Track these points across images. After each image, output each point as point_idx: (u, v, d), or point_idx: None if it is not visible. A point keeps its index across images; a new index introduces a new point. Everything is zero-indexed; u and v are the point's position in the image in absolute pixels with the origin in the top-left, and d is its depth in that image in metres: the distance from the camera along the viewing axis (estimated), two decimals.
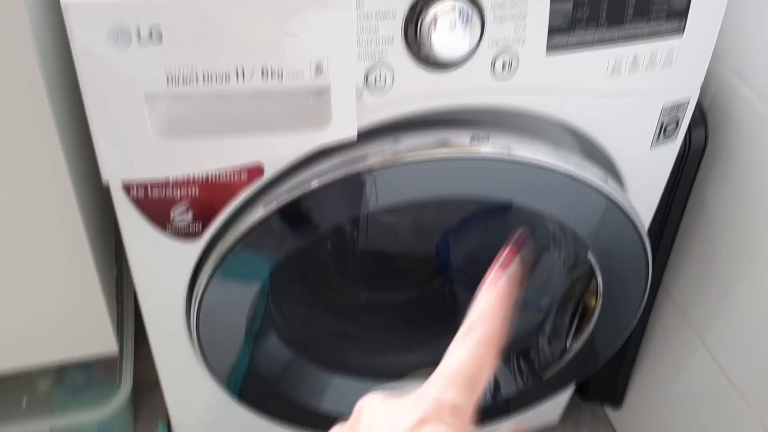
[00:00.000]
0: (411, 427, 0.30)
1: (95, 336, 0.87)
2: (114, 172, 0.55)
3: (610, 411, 1.20)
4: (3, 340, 0.84)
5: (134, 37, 0.49)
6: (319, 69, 0.52)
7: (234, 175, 0.62)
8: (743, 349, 0.85)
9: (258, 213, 0.63)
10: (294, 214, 0.64)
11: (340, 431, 0.33)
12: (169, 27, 0.48)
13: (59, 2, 0.47)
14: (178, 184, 0.61)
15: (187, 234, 0.65)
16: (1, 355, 0.86)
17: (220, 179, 0.61)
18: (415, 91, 0.60)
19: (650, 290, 0.81)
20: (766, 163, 0.77)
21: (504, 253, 0.36)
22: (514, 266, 0.35)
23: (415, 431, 0.30)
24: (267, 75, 0.52)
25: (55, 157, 0.68)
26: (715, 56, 0.78)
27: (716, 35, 0.68)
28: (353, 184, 0.63)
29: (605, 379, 1.11)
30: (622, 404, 1.16)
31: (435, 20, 0.56)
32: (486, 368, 0.32)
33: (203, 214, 0.64)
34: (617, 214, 0.71)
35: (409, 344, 0.92)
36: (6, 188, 0.69)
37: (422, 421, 0.30)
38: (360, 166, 0.61)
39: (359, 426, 0.32)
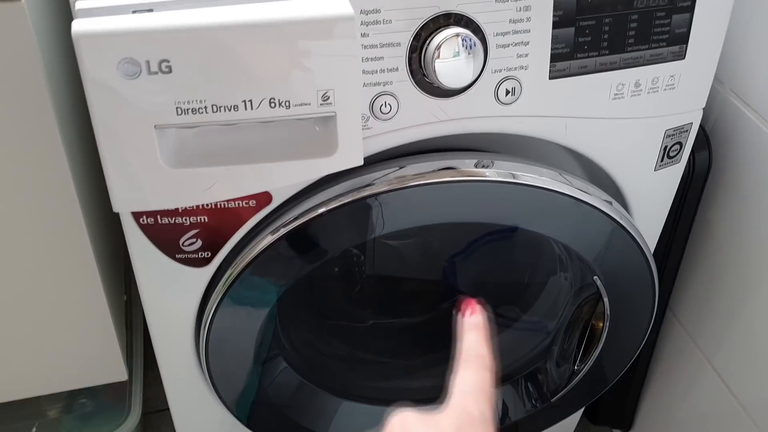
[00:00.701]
0: None
1: (105, 363, 0.87)
2: (124, 203, 0.56)
3: None
4: (12, 368, 0.84)
5: (144, 68, 0.49)
6: (325, 98, 0.53)
7: (242, 202, 0.62)
8: (752, 370, 0.84)
9: (266, 240, 0.64)
10: (301, 240, 0.64)
11: None
12: (178, 59, 0.49)
13: (70, 33, 0.48)
14: (188, 212, 0.62)
15: (196, 261, 0.66)
16: (10, 385, 0.86)
17: (229, 207, 0.62)
18: (420, 118, 0.61)
19: (657, 312, 0.81)
20: None
21: (466, 303, 0.42)
22: (479, 308, 0.42)
23: None
24: (274, 105, 0.52)
25: (64, 183, 0.68)
26: (717, 79, 0.79)
27: (717, 58, 0.68)
28: (360, 210, 0.63)
29: (614, 402, 1.11)
30: (631, 427, 1.15)
31: (438, 49, 0.56)
32: (492, 387, 0.37)
33: (212, 241, 0.65)
34: (623, 236, 0.71)
35: (416, 368, 0.92)
36: (15, 214, 0.70)
37: (460, 428, 0.34)
38: (366, 192, 0.62)
39: None
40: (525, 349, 0.90)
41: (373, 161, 0.64)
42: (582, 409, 1.04)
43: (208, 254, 0.65)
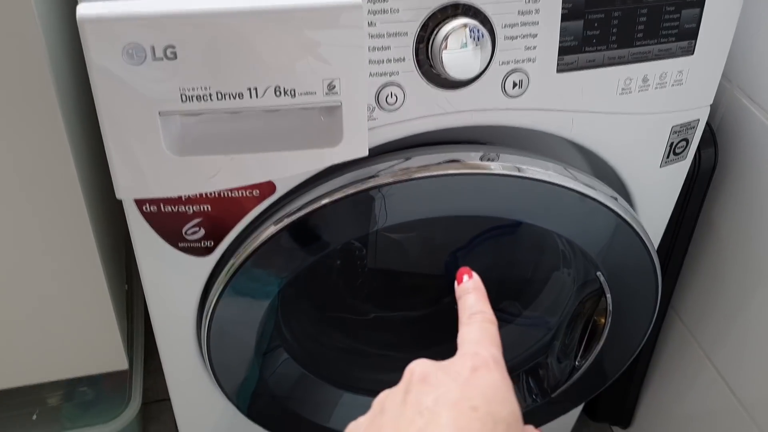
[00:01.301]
0: (467, 375, 0.36)
1: (105, 352, 0.87)
2: (127, 190, 0.55)
3: (618, 430, 1.19)
4: (12, 355, 0.84)
5: (149, 54, 0.49)
6: (331, 87, 0.53)
7: (246, 192, 0.62)
8: (752, 368, 0.84)
9: (269, 230, 0.63)
10: (304, 231, 0.64)
11: (390, 393, 0.37)
12: (183, 45, 0.49)
13: (74, 18, 0.47)
14: (191, 200, 0.62)
15: (198, 250, 0.66)
16: (11, 372, 0.86)
17: (232, 196, 0.62)
18: (426, 109, 0.61)
19: (659, 309, 0.81)
20: None
21: (461, 271, 0.45)
22: (475, 276, 0.45)
23: (472, 377, 0.36)
24: (279, 93, 0.52)
25: (67, 170, 0.68)
26: (725, 76, 0.79)
27: (726, 55, 0.68)
28: (363, 202, 0.63)
29: (614, 398, 1.11)
30: (630, 424, 1.15)
31: (446, 39, 0.56)
32: (498, 336, 0.40)
33: (215, 230, 0.64)
34: (627, 232, 0.71)
35: None
36: (17, 201, 0.70)
37: (475, 369, 0.36)
38: (370, 184, 0.62)
39: (413, 381, 0.36)
40: (526, 344, 0.90)
41: (378, 152, 0.63)
42: (581, 405, 1.04)
43: (210, 243, 0.65)
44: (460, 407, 0.34)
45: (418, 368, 0.37)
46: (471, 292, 0.43)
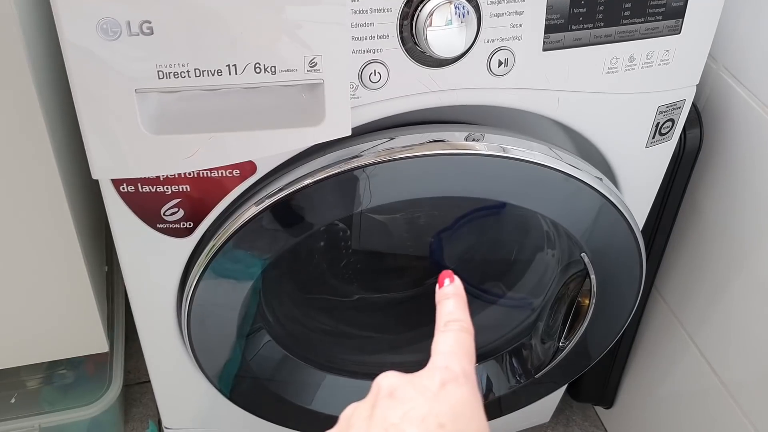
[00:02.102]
0: (436, 391, 0.35)
1: (85, 334, 0.86)
2: (104, 170, 0.54)
3: (601, 411, 1.20)
4: None
5: (124, 29, 0.48)
6: (312, 64, 0.52)
7: (226, 172, 0.61)
8: (734, 349, 0.85)
9: (250, 211, 0.62)
10: (286, 212, 0.63)
11: (357, 407, 0.36)
12: (159, 20, 0.48)
13: None
14: (169, 180, 0.60)
15: (178, 231, 0.65)
16: None
17: (212, 176, 0.61)
18: (410, 87, 0.60)
19: (643, 290, 0.81)
20: (760, 165, 0.76)
21: (443, 274, 0.44)
22: (456, 278, 0.43)
23: (441, 392, 0.35)
24: (260, 70, 0.51)
25: (44, 152, 0.67)
26: (711, 57, 0.78)
27: (713, 34, 0.67)
28: (347, 182, 0.62)
29: (597, 379, 1.11)
30: (613, 405, 1.16)
31: (431, 16, 0.55)
32: (472, 347, 0.39)
33: (195, 211, 0.63)
34: (612, 213, 0.71)
35: (401, 343, 0.92)
36: None
37: (443, 384, 0.35)
38: (354, 164, 0.61)
39: (381, 395, 0.35)
40: (510, 325, 0.90)
41: (362, 132, 0.62)
42: (565, 386, 1.04)
43: (190, 224, 0.64)
44: (427, 424, 0.33)
45: (386, 382, 0.36)
46: (450, 298, 0.41)
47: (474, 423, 0.34)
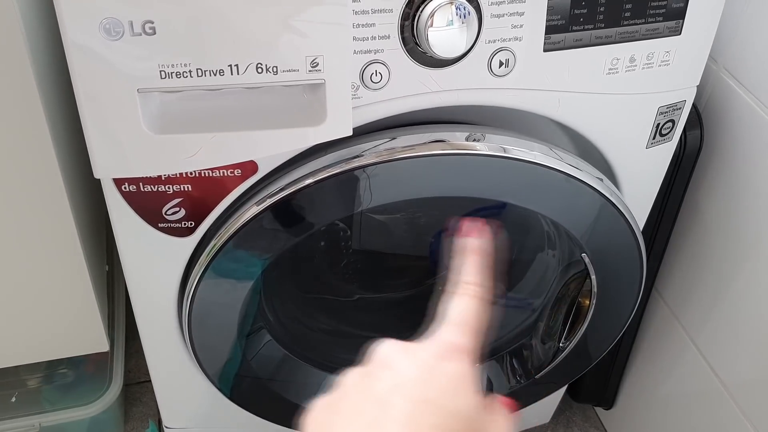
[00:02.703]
0: (431, 364, 0.34)
1: (86, 333, 0.86)
2: (106, 169, 0.54)
3: (601, 411, 1.20)
4: None
5: (127, 29, 0.48)
6: (314, 65, 0.52)
7: (227, 171, 0.61)
8: (735, 350, 0.85)
9: (251, 210, 0.62)
10: (287, 212, 0.63)
11: (351, 375, 0.35)
12: (162, 20, 0.48)
13: None
14: (171, 180, 0.61)
15: (179, 230, 0.65)
16: None
17: (214, 176, 0.61)
18: (412, 88, 0.60)
19: (643, 291, 0.81)
20: (760, 166, 0.77)
21: (471, 225, 0.40)
22: (485, 232, 0.40)
23: (436, 366, 0.34)
24: (261, 70, 0.51)
25: (45, 151, 0.67)
26: (712, 58, 0.78)
27: (713, 35, 0.67)
28: (347, 182, 0.62)
29: (597, 379, 1.11)
30: (613, 405, 1.16)
31: (432, 16, 0.55)
32: (480, 314, 0.37)
33: (196, 210, 0.64)
34: (612, 213, 0.71)
35: None
36: None
37: (440, 357, 0.34)
38: (354, 164, 0.61)
39: (374, 363, 0.35)
40: (511, 326, 0.90)
41: (363, 132, 0.63)
42: (565, 387, 1.04)
43: (191, 224, 0.64)
44: (416, 398, 0.32)
45: (382, 349, 0.35)
46: (472, 255, 0.38)
47: (464, 400, 0.33)
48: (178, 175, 0.60)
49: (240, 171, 0.61)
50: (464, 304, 0.37)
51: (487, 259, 0.38)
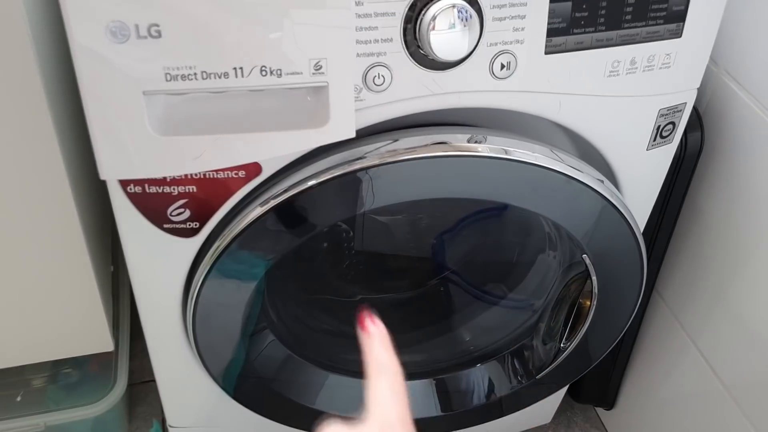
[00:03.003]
0: None
1: (91, 333, 0.87)
2: (111, 170, 0.55)
3: (602, 412, 1.21)
4: None
5: (133, 32, 0.48)
6: (317, 68, 0.52)
7: (232, 173, 0.62)
8: (735, 351, 0.85)
9: (255, 212, 0.63)
10: (290, 213, 0.64)
11: None
12: (167, 23, 0.48)
13: None
14: (176, 181, 0.61)
15: (184, 231, 0.65)
16: None
17: (218, 177, 0.61)
18: (414, 90, 0.60)
19: (644, 292, 0.82)
20: (761, 167, 0.77)
21: (362, 316, 0.45)
22: (376, 319, 0.45)
23: None
24: (266, 73, 0.52)
25: (51, 152, 0.67)
26: (712, 60, 0.79)
27: (714, 38, 0.68)
28: (350, 184, 0.63)
29: (598, 380, 1.12)
30: (614, 406, 1.16)
31: (434, 20, 0.56)
32: (403, 389, 0.41)
33: (201, 211, 0.64)
34: (613, 215, 0.71)
35: (403, 344, 0.92)
36: (1, 184, 0.69)
37: None
38: (357, 166, 0.62)
39: None
40: (512, 326, 0.91)
41: (365, 134, 0.63)
42: (566, 387, 1.04)
43: (196, 225, 0.65)
44: None
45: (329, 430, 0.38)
46: (374, 340, 0.44)
47: None
48: (183, 177, 0.61)
49: (244, 172, 0.62)
50: (388, 383, 0.41)
51: (388, 340, 0.43)
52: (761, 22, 0.74)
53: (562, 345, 0.86)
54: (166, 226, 0.64)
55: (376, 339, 0.43)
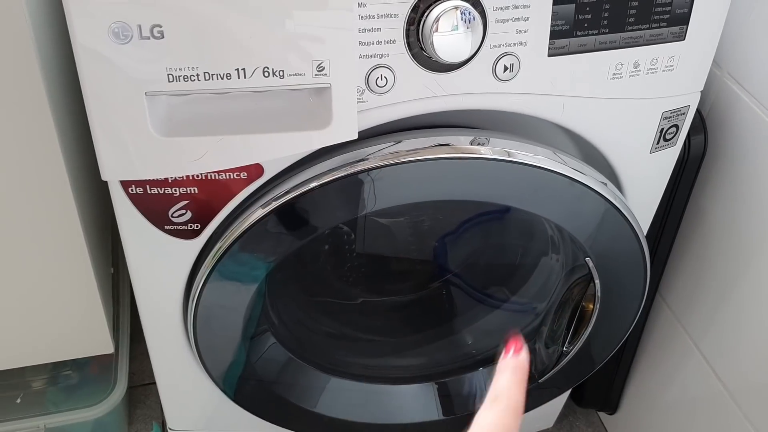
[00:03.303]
0: None
1: (91, 335, 0.87)
2: (113, 171, 0.55)
3: (604, 416, 1.20)
4: None
5: (135, 33, 0.48)
6: (320, 69, 0.52)
7: (233, 174, 0.61)
8: (739, 356, 0.85)
9: (256, 213, 0.63)
10: (292, 215, 0.64)
11: None
12: (170, 24, 0.48)
13: None
14: (177, 182, 0.61)
15: (185, 232, 0.65)
16: None
17: (220, 178, 0.61)
18: (417, 92, 0.60)
19: (647, 296, 0.81)
20: (764, 170, 0.77)
21: (513, 342, 0.40)
22: (524, 352, 0.40)
23: None
24: (268, 74, 0.51)
25: (52, 153, 0.67)
26: (716, 63, 0.78)
27: (717, 41, 0.68)
28: (352, 185, 0.63)
29: (600, 384, 1.11)
30: (617, 410, 1.15)
31: (437, 21, 0.55)
32: (514, 428, 0.36)
33: (202, 212, 0.64)
34: (616, 218, 0.71)
35: (404, 347, 0.92)
36: (2, 185, 0.69)
37: None
38: (359, 167, 0.61)
39: None
40: (514, 330, 0.90)
41: (368, 136, 0.63)
42: (568, 391, 1.04)
43: (197, 226, 0.65)
44: None
45: None
46: (510, 371, 0.39)
47: None
48: (184, 178, 0.61)
49: (246, 174, 0.62)
50: (495, 417, 0.37)
51: (524, 375, 0.39)
52: (765, 25, 0.74)
53: (564, 348, 0.86)
54: (167, 227, 0.64)
55: (511, 369, 0.39)
